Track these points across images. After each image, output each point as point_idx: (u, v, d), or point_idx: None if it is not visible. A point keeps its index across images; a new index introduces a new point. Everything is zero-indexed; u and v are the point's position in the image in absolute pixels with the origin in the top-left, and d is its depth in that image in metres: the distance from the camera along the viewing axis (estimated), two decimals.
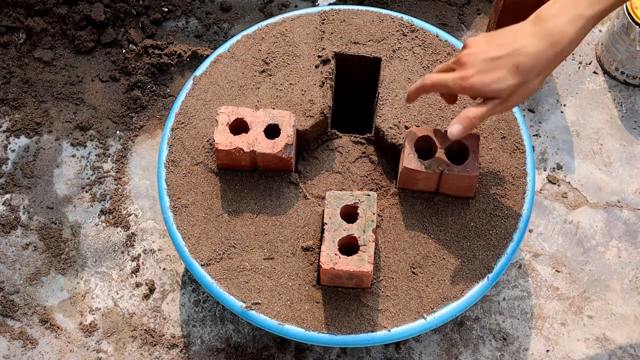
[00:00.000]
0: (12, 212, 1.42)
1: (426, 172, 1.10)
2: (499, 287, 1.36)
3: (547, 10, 0.98)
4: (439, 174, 1.10)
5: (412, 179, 1.14)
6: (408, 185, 1.16)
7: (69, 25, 1.57)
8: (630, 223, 1.43)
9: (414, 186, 1.16)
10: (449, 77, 1.02)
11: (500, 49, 0.98)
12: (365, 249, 1.06)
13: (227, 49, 1.30)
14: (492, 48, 0.99)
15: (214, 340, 1.32)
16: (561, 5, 0.97)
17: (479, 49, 1.00)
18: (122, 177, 1.46)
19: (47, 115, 1.51)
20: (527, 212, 1.17)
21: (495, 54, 0.98)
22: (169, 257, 1.39)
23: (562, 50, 0.96)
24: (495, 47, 0.99)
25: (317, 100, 1.23)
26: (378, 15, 1.31)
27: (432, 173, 1.10)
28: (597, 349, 1.32)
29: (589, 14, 0.95)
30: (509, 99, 0.99)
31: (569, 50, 0.97)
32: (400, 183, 1.16)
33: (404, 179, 1.15)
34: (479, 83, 0.98)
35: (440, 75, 1.03)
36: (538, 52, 0.96)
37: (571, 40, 0.96)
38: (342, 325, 1.10)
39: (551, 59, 0.97)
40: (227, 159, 1.16)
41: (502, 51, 0.98)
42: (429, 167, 1.10)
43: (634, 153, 1.49)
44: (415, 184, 1.15)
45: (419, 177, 1.13)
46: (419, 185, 1.15)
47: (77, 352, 1.31)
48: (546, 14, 0.97)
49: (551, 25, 0.96)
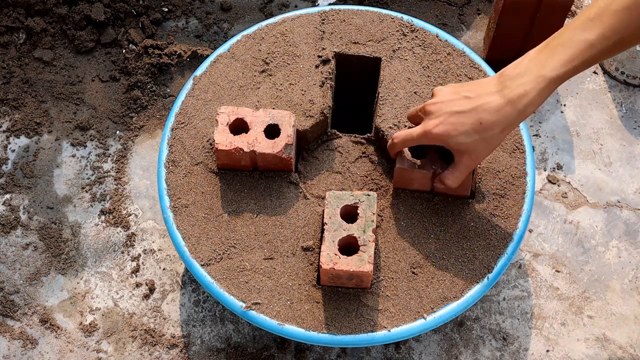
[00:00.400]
0: (12, 212, 1.42)
1: (419, 172, 1.12)
2: (499, 287, 1.36)
3: (512, 70, 1.00)
4: (431, 173, 1.11)
5: (406, 178, 1.15)
6: (403, 184, 1.17)
7: (69, 25, 1.57)
8: (630, 223, 1.43)
9: (409, 185, 1.17)
10: (414, 131, 1.07)
11: (464, 103, 1.01)
12: (365, 249, 1.06)
13: (227, 49, 1.30)
14: (458, 101, 1.02)
15: (214, 340, 1.32)
16: (526, 65, 0.99)
17: (445, 99, 1.04)
18: (122, 177, 1.46)
19: (47, 115, 1.51)
20: (527, 212, 1.17)
21: (460, 108, 1.01)
22: (169, 257, 1.39)
23: (523, 109, 0.98)
24: (460, 101, 1.02)
25: (317, 100, 1.23)
26: (378, 15, 1.31)
27: (426, 173, 1.12)
28: (597, 349, 1.32)
29: (552, 75, 0.97)
30: (475, 152, 1.03)
31: (531, 110, 0.99)
32: (395, 183, 1.17)
33: (398, 178, 1.16)
34: (444, 134, 1.02)
35: (406, 132, 1.08)
36: (500, 109, 0.99)
37: (533, 100, 0.98)
38: (342, 325, 1.10)
39: (512, 117, 0.99)
40: (227, 159, 1.16)
41: (467, 106, 1.01)
42: (421, 167, 1.12)
43: (634, 153, 1.49)
44: (410, 183, 1.16)
45: (413, 177, 1.14)
46: (414, 184, 1.16)
47: (77, 352, 1.31)
48: (511, 72, 1.00)
49: (515, 85, 0.98)
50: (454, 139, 1.02)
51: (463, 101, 1.02)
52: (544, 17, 1.41)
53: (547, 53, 0.98)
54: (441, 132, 1.02)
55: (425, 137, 1.05)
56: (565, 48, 0.96)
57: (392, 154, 1.14)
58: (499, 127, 1.00)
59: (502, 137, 1.02)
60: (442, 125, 1.02)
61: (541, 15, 1.41)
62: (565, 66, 0.97)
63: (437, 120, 1.03)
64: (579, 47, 0.96)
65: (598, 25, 0.95)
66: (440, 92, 1.06)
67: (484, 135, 1.01)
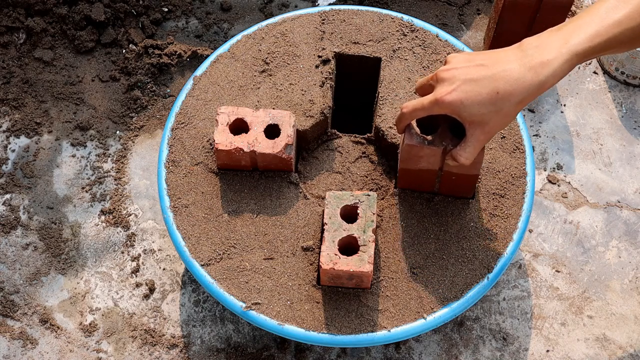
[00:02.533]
0: (12, 212, 1.42)
1: (429, 149, 1.05)
2: (499, 287, 1.36)
3: (534, 40, 0.96)
4: (442, 150, 1.05)
5: (414, 156, 1.08)
6: (411, 164, 1.10)
7: (69, 25, 1.57)
8: (630, 223, 1.43)
9: (417, 165, 1.10)
10: (425, 99, 0.99)
11: (481, 70, 0.96)
12: (365, 249, 1.06)
13: (227, 49, 1.30)
14: (473, 68, 0.96)
15: (214, 340, 1.32)
16: (548, 38, 0.95)
17: (459, 66, 0.98)
18: (122, 177, 1.46)
19: (47, 115, 1.51)
20: (527, 212, 1.17)
21: (475, 76, 0.95)
22: (169, 257, 1.39)
23: (544, 80, 0.94)
24: (476, 68, 0.96)
25: (317, 100, 1.23)
26: (378, 15, 1.31)
27: (436, 149, 1.05)
28: (597, 349, 1.32)
29: (577, 49, 0.93)
30: (488, 124, 0.97)
31: (551, 83, 0.94)
32: (402, 162, 1.11)
33: (406, 157, 1.09)
34: (457, 102, 0.95)
35: (416, 100, 1.01)
36: (519, 78, 0.94)
37: (555, 72, 0.93)
38: (342, 325, 1.10)
39: (532, 88, 0.94)
40: (227, 159, 1.16)
41: (483, 73, 0.95)
42: (431, 142, 1.04)
43: (634, 153, 1.50)
44: (418, 162, 1.09)
45: (422, 154, 1.07)
46: (423, 163, 1.09)
47: (77, 352, 1.31)
48: (532, 43, 0.96)
49: (537, 54, 0.94)
50: (468, 108, 0.95)
51: (479, 69, 0.96)
52: (544, 17, 1.41)
53: (571, 28, 0.94)
54: (454, 99, 0.95)
55: (437, 105, 0.97)
56: (591, 24, 0.93)
57: (400, 128, 1.06)
58: (517, 98, 0.94)
59: (518, 110, 0.96)
60: (455, 92, 0.95)
61: (541, 15, 1.41)
62: (590, 41, 0.93)
63: (451, 87, 0.96)
64: (605, 23, 0.93)
65: (626, 5, 0.93)
66: (455, 59, 0.99)
67: (500, 106, 0.94)
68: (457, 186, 1.15)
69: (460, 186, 1.15)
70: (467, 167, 1.06)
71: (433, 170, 1.11)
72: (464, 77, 0.96)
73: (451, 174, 1.11)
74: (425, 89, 1.03)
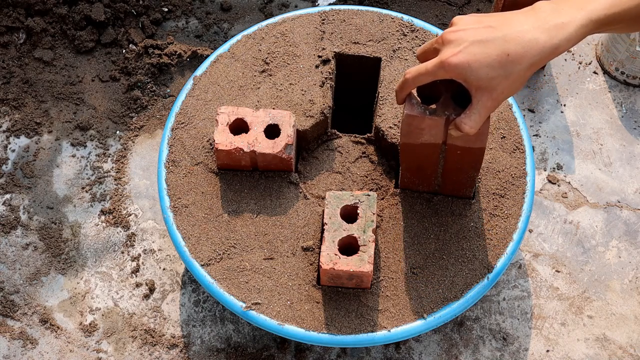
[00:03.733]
0: (12, 212, 1.42)
1: (431, 119, 0.98)
2: (499, 287, 1.36)
3: (549, 3, 0.91)
4: (445, 120, 0.99)
5: (415, 129, 1.01)
6: (411, 138, 1.03)
7: (69, 25, 1.57)
8: (630, 223, 1.43)
9: (418, 139, 1.03)
10: (429, 63, 0.92)
11: (490, 32, 0.90)
12: (365, 249, 1.06)
13: (227, 49, 1.30)
14: (482, 30, 0.90)
15: (214, 340, 1.32)
16: (563, 3, 0.91)
17: (467, 27, 0.91)
18: (122, 177, 1.46)
19: (47, 115, 1.51)
20: (527, 212, 1.17)
21: (485, 36, 0.89)
22: (169, 257, 1.39)
23: (557, 44, 0.89)
24: (486, 29, 0.90)
25: (317, 100, 1.23)
26: (378, 15, 1.31)
27: (438, 119, 0.98)
28: (597, 349, 1.32)
29: (593, 16, 0.89)
30: (496, 90, 0.91)
31: (565, 47, 0.89)
32: (403, 136, 1.04)
33: (406, 130, 1.02)
34: (464, 65, 0.89)
35: (419, 65, 0.95)
36: (532, 40, 0.88)
37: (570, 36, 0.89)
38: (342, 325, 1.10)
39: (544, 52, 0.89)
40: (227, 159, 1.16)
41: (493, 34, 0.89)
42: (433, 112, 0.98)
43: (634, 153, 1.50)
44: (420, 135, 1.02)
45: (423, 126, 1.00)
46: (424, 136, 1.02)
47: (77, 352, 1.31)
48: (548, 6, 0.91)
49: (552, 16, 0.89)
50: (475, 72, 0.89)
51: (488, 30, 0.89)
52: None
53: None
54: (460, 61, 0.89)
55: (443, 68, 0.90)
56: None
57: (400, 97, 0.99)
58: (528, 61, 0.88)
59: (527, 76, 0.90)
60: (462, 54, 0.89)
61: None
62: (607, 9, 0.89)
63: (457, 49, 0.89)
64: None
65: None
66: (461, 20, 0.92)
67: (510, 69, 0.89)
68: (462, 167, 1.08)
69: (465, 168, 1.09)
70: (472, 138, 1.01)
71: (436, 145, 1.04)
72: (472, 38, 0.90)
73: (456, 148, 1.04)
74: (429, 54, 0.96)
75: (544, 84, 1.56)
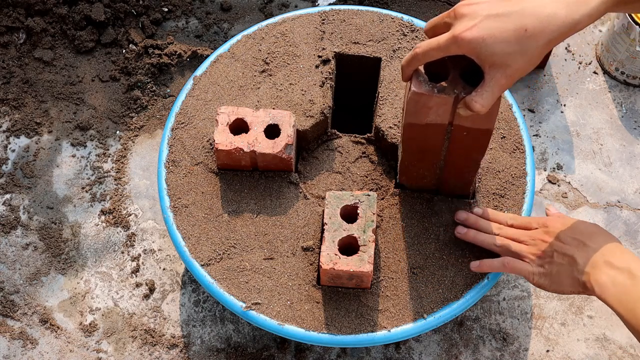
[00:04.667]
0: (12, 212, 1.42)
1: (439, 97, 0.93)
2: (499, 287, 1.36)
3: None
4: (453, 99, 0.94)
5: (422, 107, 0.96)
6: (417, 117, 0.98)
7: (69, 25, 1.57)
8: (630, 223, 1.43)
9: (424, 118, 0.98)
10: (441, 38, 0.88)
11: (507, 5, 0.85)
12: (365, 249, 1.06)
13: (227, 49, 1.30)
14: (498, 3, 0.86)
15: (214, 340, 1.32)
16: None
17: (481, 0, 0.87)
18: (122, 177, 1.46)
19: (47, 115, 1.51)
20: (527, 212, 1.17)
21: (501, 10, 0.85)
22: (169, 257, 1.39)
23: (578, 20, 0.84)
24: (502, 3, 0.85)
25: (317, 100, 1.23)
26: (378, 15, 1.31)
27: (447, 97, 0.93)
28: (597, 349, 1.32)
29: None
30: (511, 67, 0.86)
31: (585, 23, 0.84)
32: (407, 116, 0.99)
33: (412, 108, 0.96)
34: (478, 39, 0.84)
35: (430, 40, 0.89)
36: (552, 15, 0.84)
37: (591, 11, 0.84)
38: (342, 325, 1.10)
39: (564, 27, 0.84)
40: (227, 159, 1.16)
41: (509, 8, 0.85)
42: (442, 90, 0.93)
43: (634, 153, 1.50)
44: (426, 114, 0.97)
45: (430, 105, 0.95)
46: (431, 115, 0.97)
47: (77, 352, 1.31)
48: None
49: None
50: (490, 48, 0.84)
51: (505, 3, 0.85)
52: None
53: None
54: (475, 36, 0.84)
55: (455, 43, 0.86)
56: None
57: (407, 73, 0.94)
58: (547, 37, 0.84)
59: (544, 53, 0.85)
60: (476, 28, 0.84)
61: None
62: None
63: (471, 23, 0.85)
64: None
65: None
66: None
67: (527, 45, 0.84)
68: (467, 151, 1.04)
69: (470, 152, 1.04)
70: (480, 119, 0.96)
71: (442, 126, 0.99)
72: (486, 12, 0.85)
73: (462, 129, 0.99)
74: (439, 28, 0.91)
75: (544, 84, 1.56)
